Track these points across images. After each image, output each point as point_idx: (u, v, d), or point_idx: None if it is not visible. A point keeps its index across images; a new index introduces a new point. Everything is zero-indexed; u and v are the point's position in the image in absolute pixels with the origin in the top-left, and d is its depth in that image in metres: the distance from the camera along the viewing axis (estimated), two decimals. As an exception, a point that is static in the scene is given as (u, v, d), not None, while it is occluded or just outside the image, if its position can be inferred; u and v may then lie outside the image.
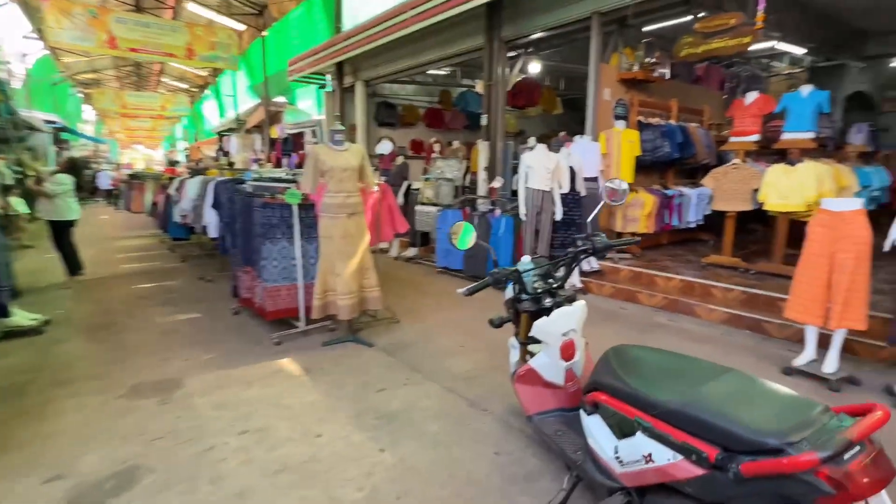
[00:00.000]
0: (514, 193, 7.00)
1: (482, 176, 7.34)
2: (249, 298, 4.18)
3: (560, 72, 11.56)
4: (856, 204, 3.19)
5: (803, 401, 1.31)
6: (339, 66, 10.92)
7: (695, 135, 6.81)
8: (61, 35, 12.74)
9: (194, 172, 6.83)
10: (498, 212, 6.00)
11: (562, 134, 9.32)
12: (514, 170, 7.98)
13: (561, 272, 2.27)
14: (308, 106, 13.67)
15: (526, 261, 2.28)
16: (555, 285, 2.16)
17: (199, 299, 5.13)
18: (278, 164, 15.87)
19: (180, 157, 36.29)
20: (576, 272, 5.79)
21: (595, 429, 1.72)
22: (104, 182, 19.81)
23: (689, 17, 6.29)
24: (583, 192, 5.65)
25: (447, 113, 12.79)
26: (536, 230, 5.34)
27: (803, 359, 3.47)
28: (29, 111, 14.42)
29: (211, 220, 5.23)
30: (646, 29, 7.31)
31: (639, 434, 1.46)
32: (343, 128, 3.58)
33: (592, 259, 6.03)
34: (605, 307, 5.14)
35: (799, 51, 8.46)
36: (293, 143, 16.35)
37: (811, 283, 3.34)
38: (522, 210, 5.27)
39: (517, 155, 7.90)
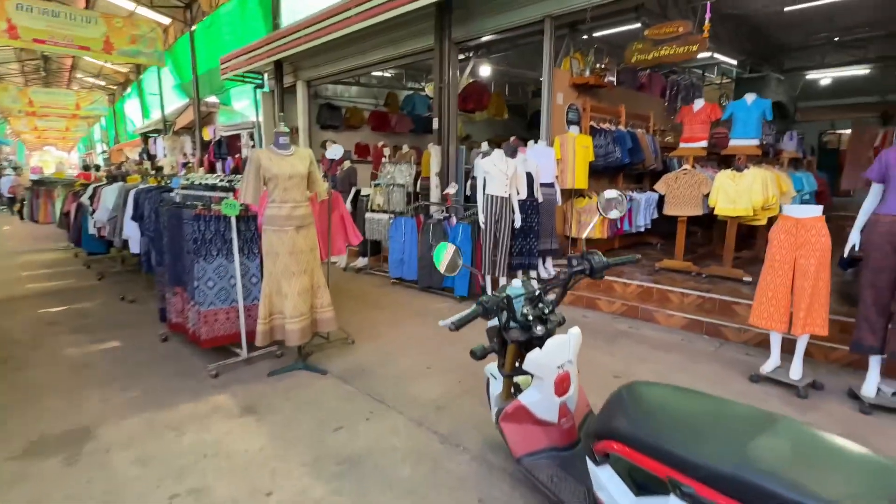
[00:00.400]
0: (469, 199, 6.83)
1: (434, 181, 7.08)
2: (181, 323, 3.66)
3: (505, 77, 11.56)
4: (816, 211, 3.22)
5: (883, 462, 1.12)
6: (278, 64, 10.29)
7: (643, 140, 6.92)
8: (-52, 21, 11.16)
9: (112, 178, 6.06)
10: (454, 219, 5.76)
11: (513, 139, 9.29)
12: (467, 175, 7.81)
13: (552, 296, 2.03)
14: (244, 107, 12.83)
15: (516, 285, 2.02)
16: (546, 311, 1.92)
17: (120, 324, 4.48)
18: (212, 169, 14.84)
19: (99, 161, 33.36)
20: (534, 281, 5.65)
21: (607, 482, 1.48)
22: (4, 188, 17.65)
23: (637, 25, 6.37)
24: (540, 199, 5.53)
25: (393, 116, 12.46)
26: (496, 238, 5.14)
27: (769, 365, 3.47)
28: None
29: (132, 234, 4.59)
30: (596, 35, 7.36)
31: (673, 498, 1.23)
32: (288, 129, 3.18)
33: (549, 265, 5.93)
34: (566, 315, 5.00)
35: (732, 61, 8.89)
36: (228, 147, 15.36)
37: (776, 289, 3.35)
38: (482, 218, 5.05)
39: (469, 160, 7.73)
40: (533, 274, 5.64)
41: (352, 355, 3.73)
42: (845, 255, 3.28)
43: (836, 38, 9.81)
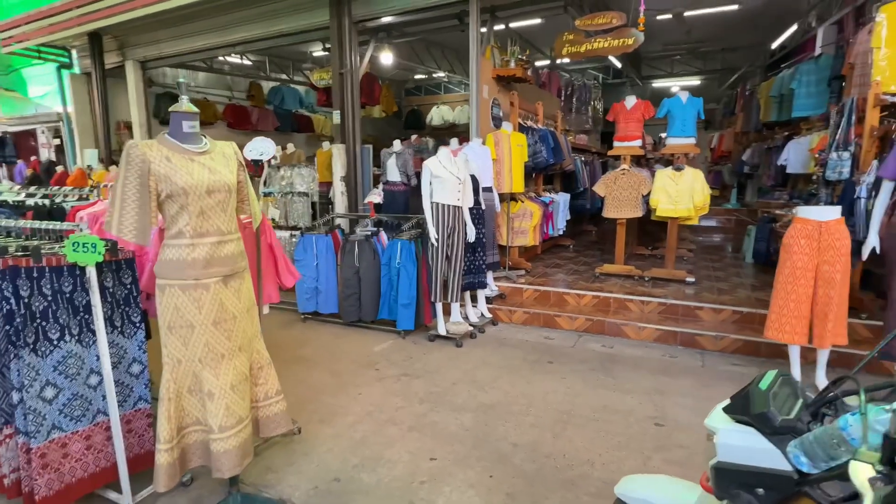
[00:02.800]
0: (379, 209, 5.74)
1: (339, 187, 5.82)
2: (-20, 465, 1.99)
3: (392, 69, 10.57)
4: (836, 212, 2.99)
5: None
6: (96, 37, 7.79)
7: (561, 140, 6.62)
8: None
9: None
10: (384, 236, 4.64)
11: (414, 137, 8.39)
12: (376, 179, 6.67)
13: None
14: (45, 93, 9.64)
15: (800, 390, 1.13)
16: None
17: None
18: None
19: None
20: (482, 300, 4.86)
21: None
22: None
23: (559, 15, 5.97)
24: (483, 205, 4.75)
25: (254, 111, 10.58)
26: (447, 256, 4.20)
27: (795, 383, 3.17)
28: None
29: None
30: (511, 26, 6.85)
31: None
32: (196, 110, 1.82)
33: (491, 282, 5.19)
34: (527, 339, 4.34)
35: (617, 63, 9.23)
36: (16, 146, 11.55)
37: (798, 300, 3.04)
38: (433, 233, 4.06)
39: (379, 162, 6.61)
40: (481, 294, 4.83)
41: (307, 458, 2.46)
42: (864, 257, 3.11)
43: (682, 51, 10.93)
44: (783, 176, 6.93)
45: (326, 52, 9.20)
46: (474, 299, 4.83)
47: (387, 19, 5.82)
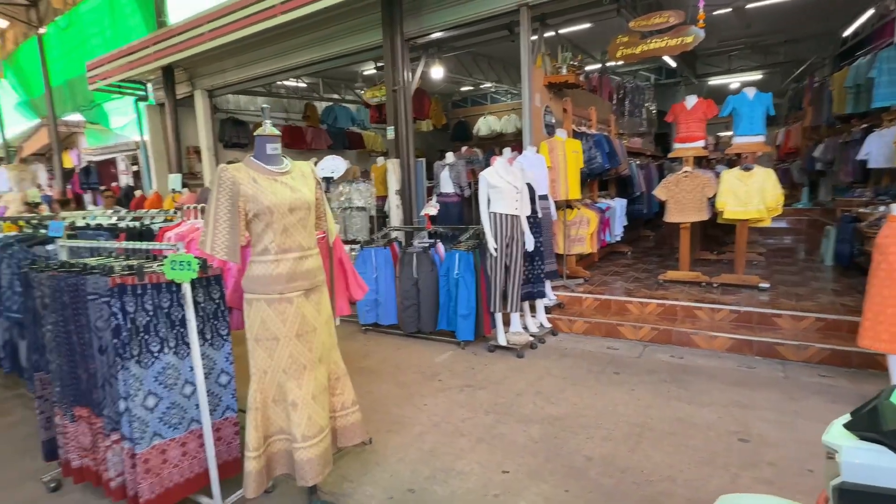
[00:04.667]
0: (434, 220, 5.81)
1: (395, 201, 5.94)
2: (88, 468, 2.16)
3: (440, 83, 10.74)
4: (938, 209, 2.74)
5: None
6: (169, 71, 8.42)
7: (616, 145, 6.46)
8: None
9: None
10: (441, 247, 4.69)
11: (464, 149, 8.46)
12: (430, 192, 6.78)
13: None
14: (125, 124, 10.50)
15: None
16: None
17: (-35, 464, 2.75)
18: (79, 204, 12.11)
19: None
20: (541, 310, 4.78)
21: None
22: None
23: (611, 18, 5.87)
24: (539, 213, 4.69)
25: (308, 131, 11.00)
26: (506, 266, 4.18)
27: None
28: None
29: (-22, 315, 2.87)
30: (562, 32, 6.80)
31: None
32: (278, 133, 1.93)
33: (550, 291, 5.10)
34: (589, 349, 4.22)
35: (672, 63, 8.94)
36: (99, 174, 12.64)
37: (897, 305, 2.79)
38: (492, 243, 4.06)
39: (432, 174, 6.72)
40: (540, 303, 4.76)
41: (380, 467, 2.50)
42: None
43: (741, 46, 10.42)
44: (863, 172, 6.42)
45: (377, 71, 9.47)
46: (533, 309, 4.77)
47: (437, 35, 5.94)
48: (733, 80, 11.67)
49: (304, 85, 11.18)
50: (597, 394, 3.30)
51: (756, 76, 12.24)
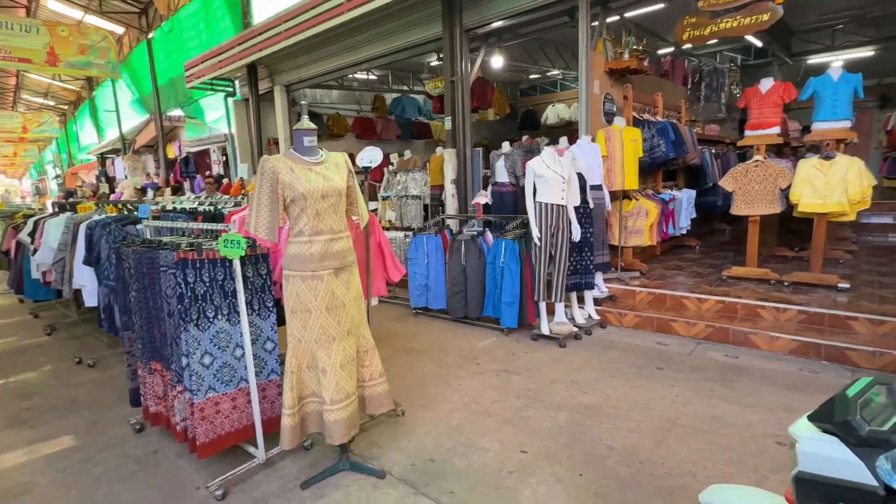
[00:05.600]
0: (488, 209, 5.88)
1: (450, 190, 6.09)
2: (161, 414, 2.55)
3: (504, 72, 10.68)
4: None
5: None
6: (252, 68, 9.15)
7: (684, 132, 6.12)
8: None
9: (60, 207, 4.85)
10: (490, 235, 4.78)
11: (524, 138, 8.41)
12: (486, 181, 6.86)
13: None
14: (217, 118, 11.57)
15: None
16: None
17: (74, 406, 3.31)
18: (178, 190, 13.51)
19: (53, 187, 31.12)
20: (590, 302, 4.72)
21: None
22: None
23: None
24: (591, 204, 4.62)
25: (379, 122, 11.43)
26: (551, 255, 4.19)
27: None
28: None
29: (85, 283, 3.44)
30: (626, 16, 6.54)
31: None
32: (314, 126, 2.15)
33: (601, 283, 5.01)
34: (637, 343, 4.11)
35: (757, 42, 8.23)
36: (196, 164, 14.02)
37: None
38: (536, 232, 4.09)
39: (488, 164, 6.79)
40: (589, 295, 4.70)
41: (408, 437, 2.70)
42: None
43: (845, 19, 9.30)
44: None
45: (440, 62, 9.65)
46: (581, 300, 4.73)
47: (497, 24, 5.95)
48: (836, 58, 10.45)
49: (375, 77, 11.61)
50: (633, 387, 3.26)
51: (865, 52, 10.87)
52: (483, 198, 4.97)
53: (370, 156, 2.59)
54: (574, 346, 4.13)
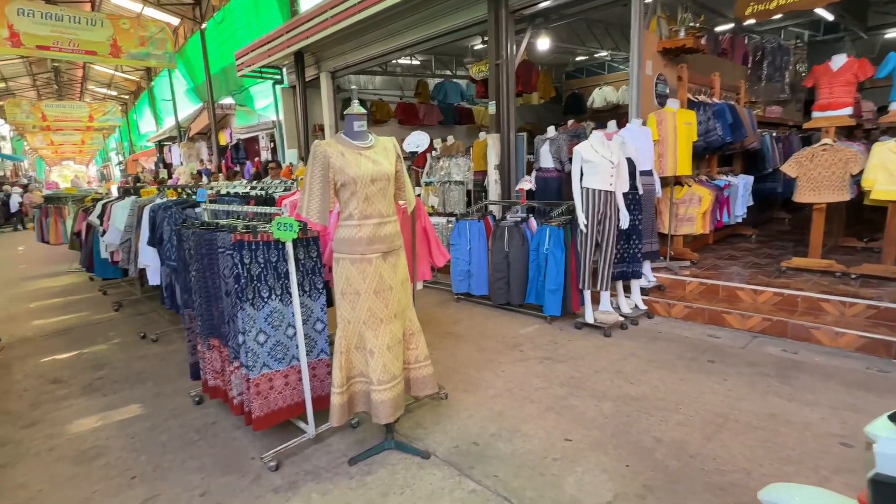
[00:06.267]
0: (532, 196, 5.79)
1: (493, 176, 6.03)
2: (219, 387, 2.70)
3: (549, 55, 10.40)
4: None
5: None
6: (299, 56, 9.33)
7: (742, 114, 5.78)
8: (-52, 32, 10.46)
9: (124, 192, 5.15)
10: (534, 222, 4.71)
11: (570, 122, 8.19)
12: (529, 167, 6.75)
13: None
14: (266, 106, 11.92)
15: None
16: None
17: (140, 377, 3.55)
18: (230, 176, 14.05)
19: (116, 173, 33.11)
20: (637, 291, 4.59)
21: None
22: (13, 207, 17.26)
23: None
24: (640, 190, 4.46)
25: (421, 107, 11.42)
26: (597, 243, 4.09)
27: None
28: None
29: (149, 263, 3.65)
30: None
31: None
32: (364, 111, 2.17)
33: (648, 272, 4.85)
34: (686, 335, 3.97)
35: (829, 16, 7.61)
36: (245, 150, 14.53)
37: None
38: (582, 219, 4.00)
39: (532, 149, 6.67)
40: (636, 284, 4.57)
41: (451, 420, 2.73)
42: None
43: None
44: None
45: (484, 45, 9.50)
46: (628, 290, 4.61)
47: (544, 4, 5.77)
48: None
49: (418, 62, 11.59)
50: (683, 379, 3.16)
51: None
52: (527, 183, 4.89)
53: (417, 140, 2.61)
54: (619, 335, 4.04)
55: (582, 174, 4.01)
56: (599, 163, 3.92)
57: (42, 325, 5.03)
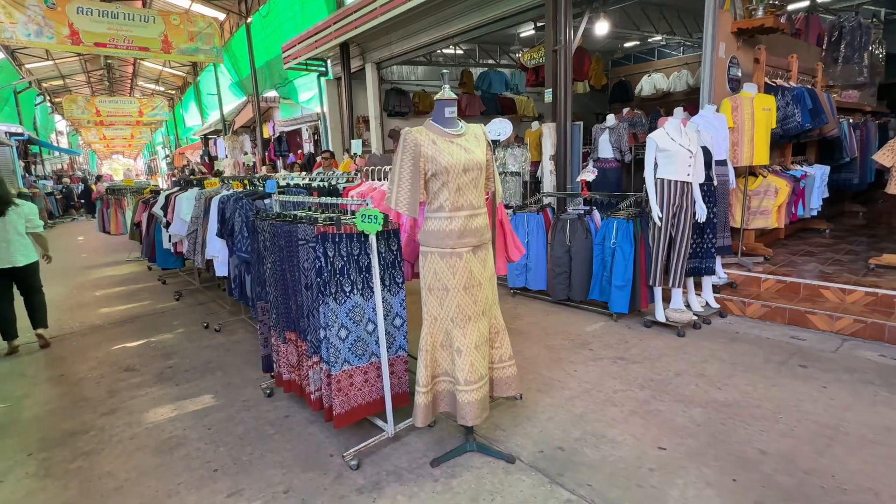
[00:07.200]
0: (588, 187, 5.55)
1: (548, 166, 5.83)
2: (294, 382, 2.66)
3: (598, 42, 10.01)
4: None
5: None
6: (345, 47, 9.30)
7: (822, 99, 5.36)
8: (16, 31, 10.97)
9: (186, 184, 5.24)
10: (597, 215, 4.50)
11: (626, 110, 7.87)
12: (585, 157, 6.51)
13: None
14: (309, 98, 12.02)
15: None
16: None
17: (209, 367, 3.59)
18: (274, 167, 14.28)
19: (162, 166, 34.38)
20: (708, 288, 4.33)
21: None
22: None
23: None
24: (715, 181, 4.18)
25: (463, 98, 11.21)
26: (671, 237, 3.86)
27: None
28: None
29: (217, 254, 3.67)
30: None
31: None
32: (455, 96, 2.05)
33: (720, 268, 4.57)
34: (767, 336, 3.70)
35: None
36: (288, 143, 14.73)
37: None
38: (657, 211, 3.78)
39: (589, 139, 6.43)
40: (707, 281, 4.31)
41: (531, 422, 2.61)
42: None
43: None
44: None
45: (536, 31, 9.22)
46: (698, 286, 4.35)
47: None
48: None
49: (462, 52, 11.39)
50: (775, 385, 2.93)
51: None
52: (590, 174, 4.68)
53: (499, 128, 2.49)
54: (693, 335, 3.81)
55: (656, 164, 3.78)
56: (676, 152, 3.68)
57: (109, 312, 5.20)
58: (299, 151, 14.00)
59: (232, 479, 2.26)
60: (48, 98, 24.73)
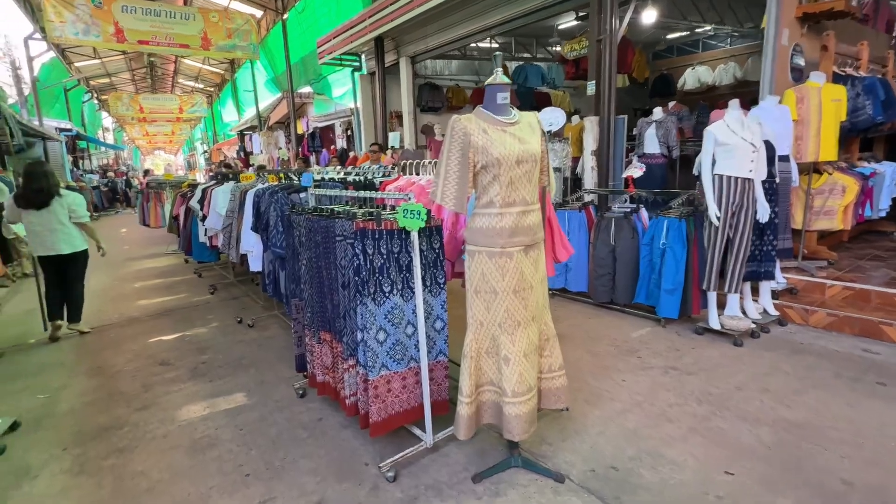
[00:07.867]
0: (634, 184, 5.26)
1: (590, 162, 5.56)
2: (328, 384, 2.55)
3: (641, 33, 9.59)
4: None
5: None
6: (379, 41, 9.21)
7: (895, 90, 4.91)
8: (64, 30, 11.36)
9: (222, 178, 5.23)
10: (645, 213, 4.24)
11: (672, 104, 7.49)
12: (627, 153, 6.20)
13: None
14: (343, 94, 12.01)
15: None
16: None
17: (242, 363, 3.53)
18: (306, 162, 14.39)
19: (201, 161, 35.39)
20: (767, 294, 4.01)
21: None
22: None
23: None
24: (777, 178, 3.85)
25: (499, 91, 10.96)
26: (730, 239, 3.57)
27: None
28: (36, 119, 13.11)
29: (251, 249, 3.61)
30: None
31: None
32: (508, 81, 1.87)
33: (779, 272, 4.23)
34: (835, 349, 3.38)
35: None
36: (321, 139, 14.80)
37: None
38: (715, 210, 3.50)
39: (633, 134, 6.12)
40: (766, 286, 3.99)
41: (580, 437, 2.41)
42: None
43: None
44: None
45: (576, 23, 8.89)
46: (755, 292, 4.04)
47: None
48: None
49: (497, 45, 11.15)
50: (851, 404, 2.64)
51: None
52: (638, 170, 4.41)
53: (551, 117, 2.31)
54: (752, 345, 3.52)
55: (714, 160, 3.50)
56: (737, 146, 3.39)
57: (146, 305, 5.25)
58: (332, 147, 14.05)
59: (265, 485, 2.16)
60: (95, 95, 25.74)
